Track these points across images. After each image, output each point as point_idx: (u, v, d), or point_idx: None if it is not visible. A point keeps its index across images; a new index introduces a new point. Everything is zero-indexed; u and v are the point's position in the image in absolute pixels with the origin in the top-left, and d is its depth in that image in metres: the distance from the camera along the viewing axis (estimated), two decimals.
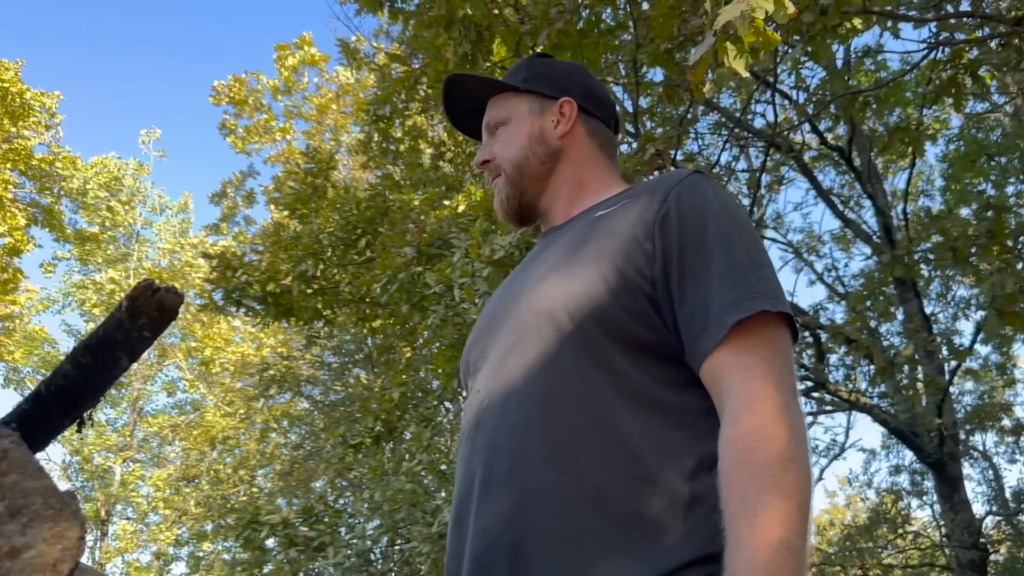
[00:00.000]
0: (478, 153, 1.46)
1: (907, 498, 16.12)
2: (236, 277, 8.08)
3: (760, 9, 1.83)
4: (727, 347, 1.06)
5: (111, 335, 1.20)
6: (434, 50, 5.60)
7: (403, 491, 6.21)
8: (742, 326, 1.06)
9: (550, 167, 1.41)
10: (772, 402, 1.01)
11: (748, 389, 1.03)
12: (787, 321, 1.11)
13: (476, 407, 1.22)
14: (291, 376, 13.08)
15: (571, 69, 1.49)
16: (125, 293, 1.11)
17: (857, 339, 5.31)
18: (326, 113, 14.88)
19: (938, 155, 11.99)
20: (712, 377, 1.08)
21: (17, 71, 14.30)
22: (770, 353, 1.06)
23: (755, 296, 1.08)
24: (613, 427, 1.07)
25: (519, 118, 1.42)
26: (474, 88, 1.48)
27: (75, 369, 1.27)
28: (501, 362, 1.20)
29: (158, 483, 17.65)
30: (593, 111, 1.45)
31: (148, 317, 1.14)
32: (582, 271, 1.18)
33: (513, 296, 1.29)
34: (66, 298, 19.92)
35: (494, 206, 1.46)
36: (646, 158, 4.99)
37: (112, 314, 1.19)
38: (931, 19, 5.32)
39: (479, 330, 1.35)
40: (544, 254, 1.32)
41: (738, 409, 1.02)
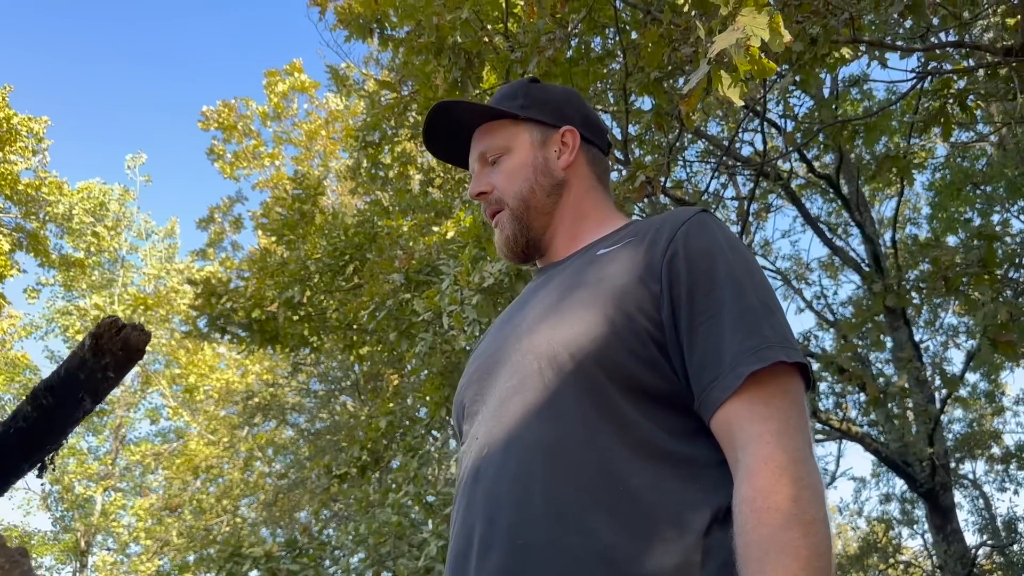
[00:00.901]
0: (473, 183, 1.37)
1: (898, 527, 16.06)
2: (221, 304, 7.99)
3: (756, 37, 1.79)
4: (741, 398, 1.00)
5: (73, 375, 1.13)
6: (424, 77, 5.58)
7: (389, 523, 6.09)
8: (756, 377, 1.00)
9: (555, 199, 1.34)
10: (789, 458, 0.96)
11: (763, 445, 0.97)
12: (801, 371, 1.05)
13: (475, 456, 1.14)
14: (276, 404, 12.93)
15: (568, 95, 1.42)
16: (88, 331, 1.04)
17: (850, 369, 5.27)
18: (315, 139, 14.87)
19: (924, 183, 12.07)
20: (725, 429, 1.02)
21: (4, 96, 14.24)
22: (786, 405, 1.01)
23: (771, 345, 1.02)
24: (621, 480, 1.01)
25: (520, 148, 1.35)
26: (464, 115, 1.39)
27: (36, 410, 1.19)
28: (500, 407, 1.13)
29: (140, 513, 17.37)
30: (591, 138, 1.40)
31: (113, 356, 1.07)
32: (585, 312, 1.12)
33: (511, 336, 1.21)
34: (49, 324, 19.71)
35: (496, 243, 1.37)
36: (636, 185, 4.96)
37: (74, 352, 1.12)
38: (919, 49, 5.34)
39: (474, 371, 1.27)
40: (543, 292, 1.25)
41: (754, 466, 0.96)
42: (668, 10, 4.01)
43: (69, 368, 1.07)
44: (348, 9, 5.61)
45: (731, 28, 1.84)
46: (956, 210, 11.42)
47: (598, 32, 5.97)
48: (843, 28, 4.52)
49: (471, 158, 1.40)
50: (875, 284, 5.44)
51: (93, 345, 1.01)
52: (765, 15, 1.86)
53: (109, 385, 1.05)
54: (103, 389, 1.06)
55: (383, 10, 5.48)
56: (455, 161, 1.48)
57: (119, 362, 1.02)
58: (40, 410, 1.14)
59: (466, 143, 1.42)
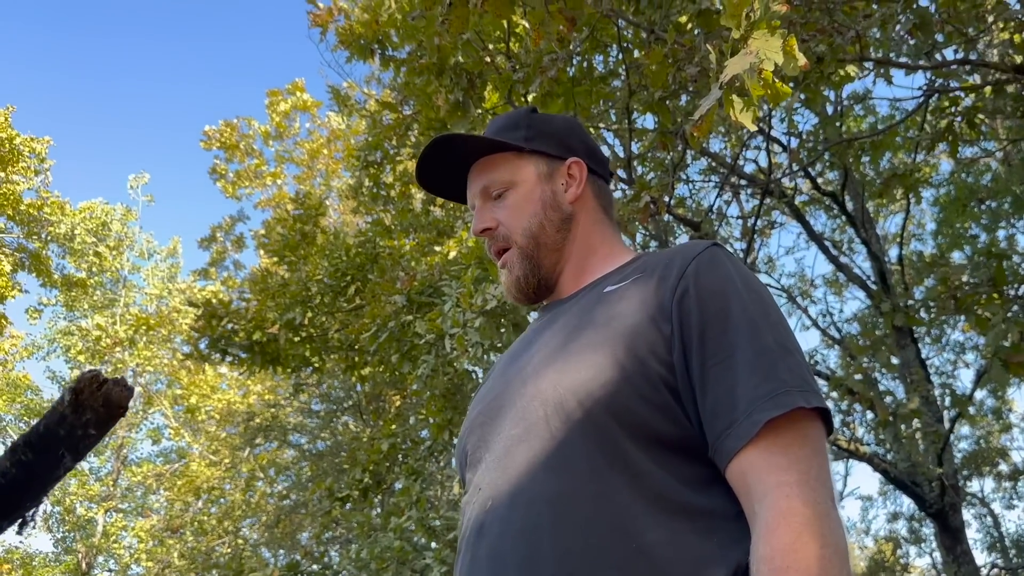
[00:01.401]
0: (477, 220, 1.30)
1: (906, 546, 15.91)
2: (222, 325, 7.93)
3: (769, 61, 1.73)
4: (757, 447, 0.94)
5: (53, 431, 1.06)
6: (425, 97, 5.55)
7: (391, 548, 6.00)
8: (773, 424, 0.94)
9: (564, 235, 1.27)
10: (811, 513, 0.89)
11: (783, 497, 0.90)
12: (822, 416, 0.98)
13: (478, 508, 1.07)
14: (278, 424, 12.84)
15: (571, 125, 1.36)
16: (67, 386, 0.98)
17: (860, 391, 5.20)
18: (317, 158, 14.86)
19: (929, 199, 12.02)
20: (741, 480, 0.96)
21: (7, 116, 14.26)
22: (806, 454, 0.94)
23: (788, 389, 0.96)
24: (634, 536, 0.94)
25: (527, 182, 1.28)
26: (464, 147, 1.32)
27: (14, 466, 1.12)
28: (505, 456, 1.07)
29: (141, 534, 17.25)
30: (596, 169, 1.34)
31: (94, 412, 1.00)
32: (593, 355, 1.05)
33: (515, 379, 1.15)
34: (51, 344, 19.67)
35: (504, 285, 1.30)
36: (640, 206, 4.91)
37: (54, 407, 1.05)
38: (925, 66, 5.30)
39: (477, 415, 1.20)
40: (548, 332, 1.18)
41: (773, 521, 0.89)
42: (672, 30, 3.96)
43: (49, 424, 1.01)
44: (349, 30, 5.59)
45: (744, 52, 1.78)
46: (961, 226, 11.37)
47: (601, 51, 5.94)
48: (849, 46, 4.49)
49: (471, 193, 1.33)
50: (883, 303, 5.37)
51: (73, 400, 0.94)
52: (778, 38, 1.80)
53: (90, 442, 0.98)
54: (84, 446, 0.99)
55: (384, 31, 5.46)
56: (448, 195, 1.40)
57: (100, 419, 0.95)
58: (19, 466, 1.07)
59: (462, 177, 1.35)
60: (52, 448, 1.02)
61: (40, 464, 1.06)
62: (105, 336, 18.40)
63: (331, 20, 6.07)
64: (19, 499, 1.11)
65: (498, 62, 5.44)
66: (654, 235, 9.76)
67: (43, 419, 1.00)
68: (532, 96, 5.10)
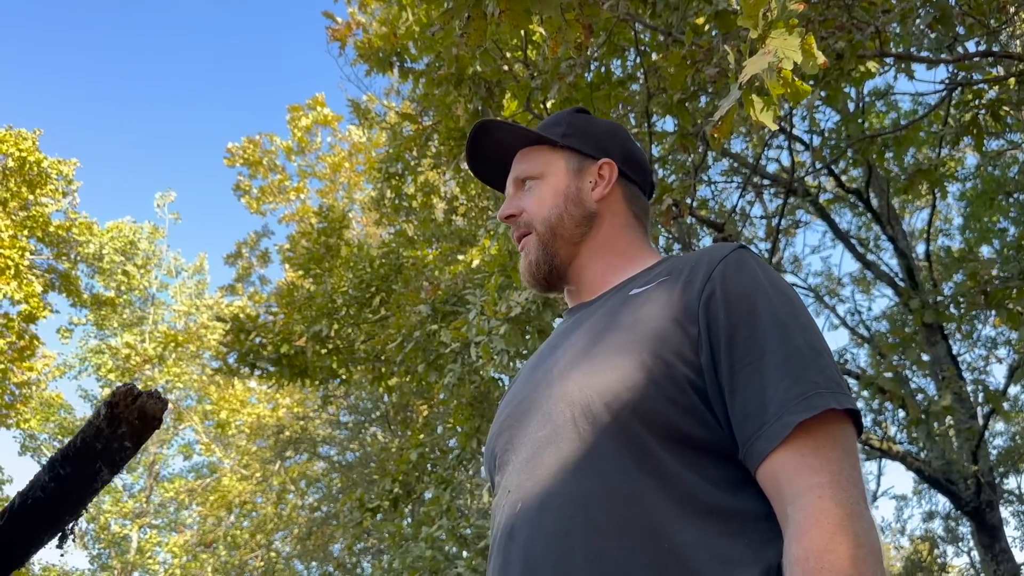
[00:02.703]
0: (504, 206, 1.35)
1: (942, 545, 15.66)
2: (249, 340, 8.00)
3: (788, 60, 1.73)
4: (789, 449, 0.94)
5: (90, 445, 1.08)
6: (445, 107, 5.58)
7: (423, 558, 6.00)
8: (804, 426, 0.94)
9: (584, 231, 1.29)
10: (843, 513, 0.89)
11: (815, 499, 0.90)
12: (852, 417, 0.98)
13: (508, 511, 1.08)
14: (307, 437, 12.92)
15: (614, 129, 1.39)
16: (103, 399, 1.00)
17: (890, 389, 5.14)
18: (339, 171, 14.98)
19: (955, 194, 11.86)
20: (772, 482, 0.95)
21: (35, 140, 14.50)
22: (837, 456, 0.94)
23: (820, 392, 0.95)
24: (666, 537, 0.94)
25: (555, 174, 1.32)
26: (505, 137, 1.38)
27: (53, 480, 1.15)
28: (534, 459, 1.07)
29: (175, 549, 17.40)
30: (633, 176, 1.35)
31: (129, 425, 1.02)
32: (619, 358, 1.05)
33: (542, 382, 1.15)
34: (82, 363, 19.93)
35: (520, 269, 1.34)
36: (663, 209, 4.89)
37: (90, 422, 1.07)
38: (947, 60, 5.24)
39: (505, 418, 1.20)
40: (574, 335, 1.19)
41: (805, 523, 0.89)
42: (690, 32, 3.95)
43: (85, 437, 1.03)
44: (367, 44, 5.63)
45: (762, 51, 1.78)
46: (990, 220, 11.21)
47: (618, 55, 5.94)
48: (869, 42, 4.45)
49: (508, 181, 1.39)
50: (912, 300, 5.31)
51: (109, 414, 0.96)
52: (796, 36, 1.80)
53: (126, 455, 1.00)
54: (120, 459, 1.00)
55: (402, 43, 5.49)
56: (495, 184, 1.46)
57: (135, 431, 0.97)
58: (58, 480, 1.09)
59: (505, 166, 1.40)
60: (89, 462, 1.04)
61: (78, 478, 1.08)
62: (135, 354, 18.64)
63: (350, 34, 6.12)
64: (59, 513, 1.13)
65: (516, 70, 5.46)
66: (677, 238, 9.73)
67: (80, 433, 1.02)
68: (551, 103, 5.11)
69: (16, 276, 13.53)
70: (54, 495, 1.11)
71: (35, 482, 1.15)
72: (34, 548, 1.22)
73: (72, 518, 1.18)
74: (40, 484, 1.13)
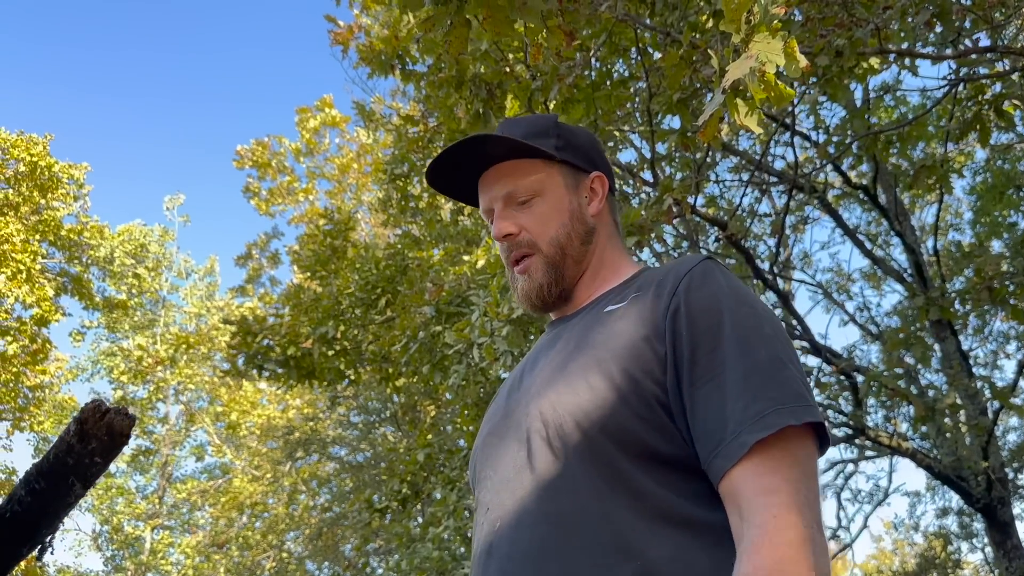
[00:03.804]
0: (501, 223, 1.25)
1: (956, 541, 15.56)
2: (257, 342, 8.04)
3: (771, 64, 1.73)
4: (746, 466, 0.94)
5: (62, 460, 1.10)
6: (446, 109, 5.58)
7: (430, 558, 6.03)
8: (763, 444, 0.94)
9: (586, 248, 1.26)
10: (795, 534, 0.89)
11: (770, 519, 0.91)
12: (815, 430, 0.98)
13: (487, 529, 1.10)
14: (317, 438, 12.97)
15: (592, 140, 1.35)
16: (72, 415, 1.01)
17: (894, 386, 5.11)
18: (347, 172, 15.02)
19: (965, 188, 11.78)
20: (731, 499, 0.96)
21: (46, 145, 14.61)
22: (795, 475, 0.94)
23: (778, 408, 0.95)
24: (638, 554, 0.95)
25: (555, 191, 1.26)
26: (492, 149, 1.27)
27: (29, 495, 1.16)
28: (511, 477, 1.09)
29: (188, 550, 17.51)
30: (611, 184, 1.34)
31: (98, 441, 1.04)
32: (590, 377, 1.06)
33: (521, 399, 1.17)
34: (94, 366, 20.07)
35: (522, 291, 1.27)
36: (664, 208, 4.89)
37: (61, 437, 1.09)
38: (950, 56, 5.21)
39: (486, 434, 1.23)
40: (552, 351, 1.20)
41: (757, 540, 0.90)
42: (687, 31, 3.95)
43: (58, 453, 1.05)
44: (369, 47, 5.64)
45: (745, 55, 1.78)
46: (1000, 214, 11.14)
47: (620, 55, 5.93)
48: (869, 39, 4.43)
49: (490, 195, 1.28)
50: (916, 298, 5.28)
51: (79, 430, 0.98)
52: (779, 40, 1.79)
53: (97, 470, 1.02)
54: (92, 474, 1.02)
55: (403, 46, 5.51)
56: (453, 193, 1.37)
57: (104, 447, 0.99)
58: (34, 495, 1.11)
59: (473, 177, 1.31)
60: (62, 477, 1.06)
61: (52, 493, 1.10)
62: (147, 356, 18.76)
63: (352, 38, 6.14)
64: (36, 526, 1.15)
65: (517, 71, 5.46)
66: (684, 236, 9.71)
67: (52, 448, 1.04)
68: (552, 103, 5.11)
69: (28, 280, 13.64)
70: (30, 509, 1.13)
71: (11, 497, 1.17)
72: (13, 561, 1.23)
73: (49, 531, 1.20)
74: (17, 498, 1.15)
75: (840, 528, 12.68)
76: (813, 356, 8.70)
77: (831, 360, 7.66)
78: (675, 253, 11.09)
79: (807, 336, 8.63)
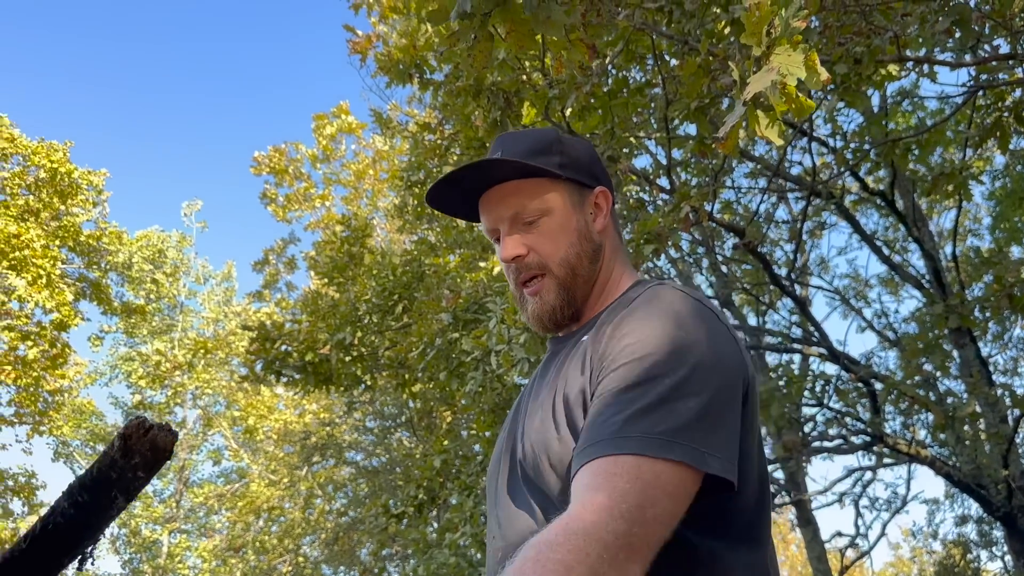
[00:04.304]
0: (510, 245, 1.23)
1: (976, 549, 15.41)
2: (275, 347, 8.10)
3: (792, 76, 1.74)
4: (591, 466, 0.95)
5: (106, 474, 1.13)
6: (464, 117, 5.62)
7: (447, 565, 6.04)
8: (612, 456, 0.94)
9: (595, 267, 1.25)
10: (584, 527, 0.87)
11: (577, 507, 0.90)
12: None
13: (493, 559, 1.17)
14: (333, 442, 13.02)
15: (593, 152, 1.32)
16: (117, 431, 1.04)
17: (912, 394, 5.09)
18: (363, 179, 15.09)
19: (984, 193, 11.71)
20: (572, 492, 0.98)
21: (66, 152, 14.76)
22: (629, 488, 0.91)
23: (645, 437, 0.94)
24: None
25: (560, 209, 1.23)
26: (497, 171, 1.24)
27: (72, 507, 1.20)
28: (507, 505, 1.16)
29: (204, 554, 17.61)
30: (613, 197, 1.32)
31: (141, 456, 1.06)
32: (548, 412, 1.11)
33: (520, 425, 1.20)
34: (113, 370, 20.23)
35: (532, 312, 1.25)
36: (682, 216, 4.90)
37: (105, 452, 1.12)
38: (969, 63, 5.19)
39: (496, 454, 1.28)
40: (546, 377, 1.23)
41: (552, 524, 0.90)
42: (705, 40, 3.96)
43: (101, 467, 1.08)
44: (387, 56, 5.69)
45: (766, 68, 1.80)
46: (1019, 220, 11.05)
47: (637, 63, 5.95)
48: (888, 46, 4.42)
49: (494, 216, 1.26)
50: (935, 305, 5.26)
51: (122, 446, 1.01)
52: (800, 53, 1.81)
53: (140, 484, 1.05)
54: (134, 488, 1.05)
55: (421, 55, 5.55)
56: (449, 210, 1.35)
57: (147, 463, 1.02)
58: (76, 507, 1.14)
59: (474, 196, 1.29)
60: (105, 490, 1.09)
61: (95, 505, 1.13)
62: (165, 361, 18.89)
63: (370, 47, 6.18)
64: (78, 537, 1.19)
65: (534, 79, 5.48)
66: (701, 241, 9.70)
67: (96, 462, 1.07)
68: (569, 111, 5.14)
69: (48, 285, 13.77)
70: (73, 521, 1.16)
71: (55, 508, 1.20)
72: (55, 571, 1.26)
73: (91, 542, 1.23)
74: (60, 510, 1.18)
75: (859, 536, 12.60)
76: (831, 363, 8.67)
77: (849, 368, 7.62)
78: (690, 259, 11.11)
79: (825, 343, 8.60)
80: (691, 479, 0.94)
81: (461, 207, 1.32)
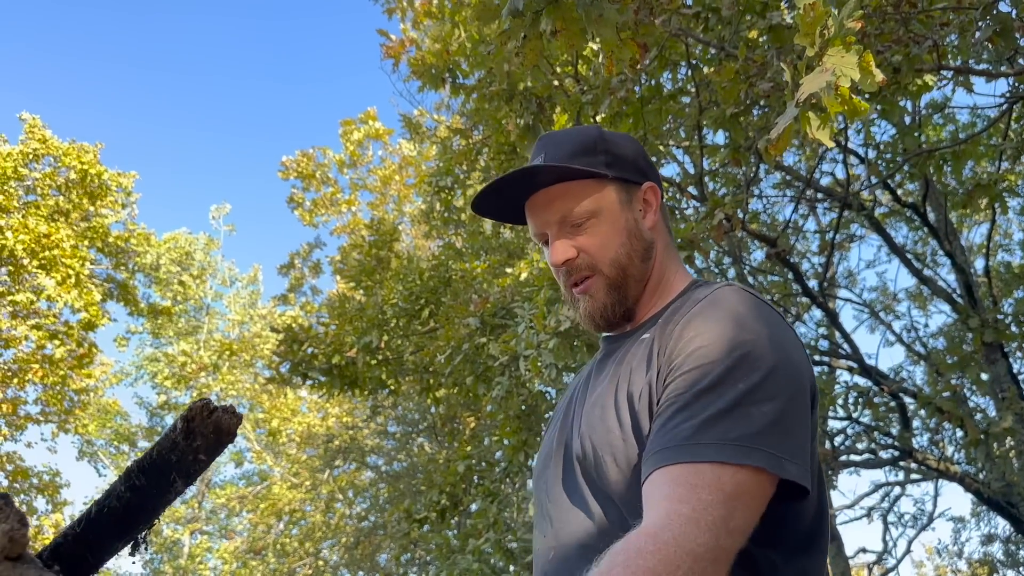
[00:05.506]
0: (560, 249, 1.21)
1: (1002, 569, 15.16)
2: (302, 350, 8.13)
3: (846, 77, 1.72)
4: (667, 470, 0.94)
5: (166, 457, 1.12)
6: (496, 122, 5.62)
7: (470, 570, 6.02)
8: (691, 464, 0.93)
9: (647, 265, 1.22)
10: (682, 535, 0.87)
11: (663, 514, 0.89)
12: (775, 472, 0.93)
13: (542, 557, 1.15)
14: (356, 446, 13.05)
15: (637, 146, 1.29)
16: (180, 414, 1.04)
17: (948, 409, 5.01)
18: (390, 184, 15.15)
19: (1016, 207, 11.53)
20: (644, 498, 0.96)
21: (96, 153, 14.95)
22: (711, 499, 0.90)
23: (721, 443, 0.93)
24: None
25: (610, 210, 1.21)
26: (545, 176, 1.22)
27: (129, 491, 1.19)
28: (558, 504, 1.14)
29: (225, 556, 17.67)
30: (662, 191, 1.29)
31: (204, 439, 1.05)
32: (610, 411, 1.09)
33: (573, 423, 1.19)
34: (138, 371, 20.42)
35: (585, 312, 1.23)
36: (715, 223, 4.86)
37: (166, 434, 1.11)
38: (1007, 73, 5.13)
39: (545, 452, 1.26)
40: (602, 375, 1.21)
41: (639, 529, 0.89)
42: (743, 46, 3.93)
43: (161, 450, 1.07)
44: (420, 60, 5.71)
45: (820, 69, 1.78)
46: None
47: (670, 69, 5.92)
48: (926, 55, 4.38)
49: (541, 219, 1.24)
50: (971, 319, 5.18)
51: (185, 428, 1.00)
52: (854, 54, 1.79)
53: (200, 467, 1.03)
54: (194, 471, 1.04)
55: (454, 60, 5.56)
56: (495, 215, 1.34)
57: (210, 445, 1.00)
58: (133, 491, 1.13)
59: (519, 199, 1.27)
60: (164, 473, 1.08)
61: (152, 489, 1.12)
62: (190, 362, 19.04)
63: (403, 51, 6.21)
64: (133, 522, 1.18)
65: (566, 85, 5.48)
66: (728, 251, 9.63)
67: (155, 445, 1.06)
68: (601, 117, 5.12)
69: (77, 285, 13.92)
70: (129, 504, 1.15)
71: (111, 491, 1.19)
72: (108, 555, 1.26)
73: (146, 527, 1.22)
74: (116, 493, 1.17)
75: (886, 553, 12.43)
76: (861, 376, 8.57)
77: (880, 381, 7.53)
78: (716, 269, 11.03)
79: (855, 356, 8.50)
80: (768, 485, 0.94)
81: (507, 212, 1.31)
